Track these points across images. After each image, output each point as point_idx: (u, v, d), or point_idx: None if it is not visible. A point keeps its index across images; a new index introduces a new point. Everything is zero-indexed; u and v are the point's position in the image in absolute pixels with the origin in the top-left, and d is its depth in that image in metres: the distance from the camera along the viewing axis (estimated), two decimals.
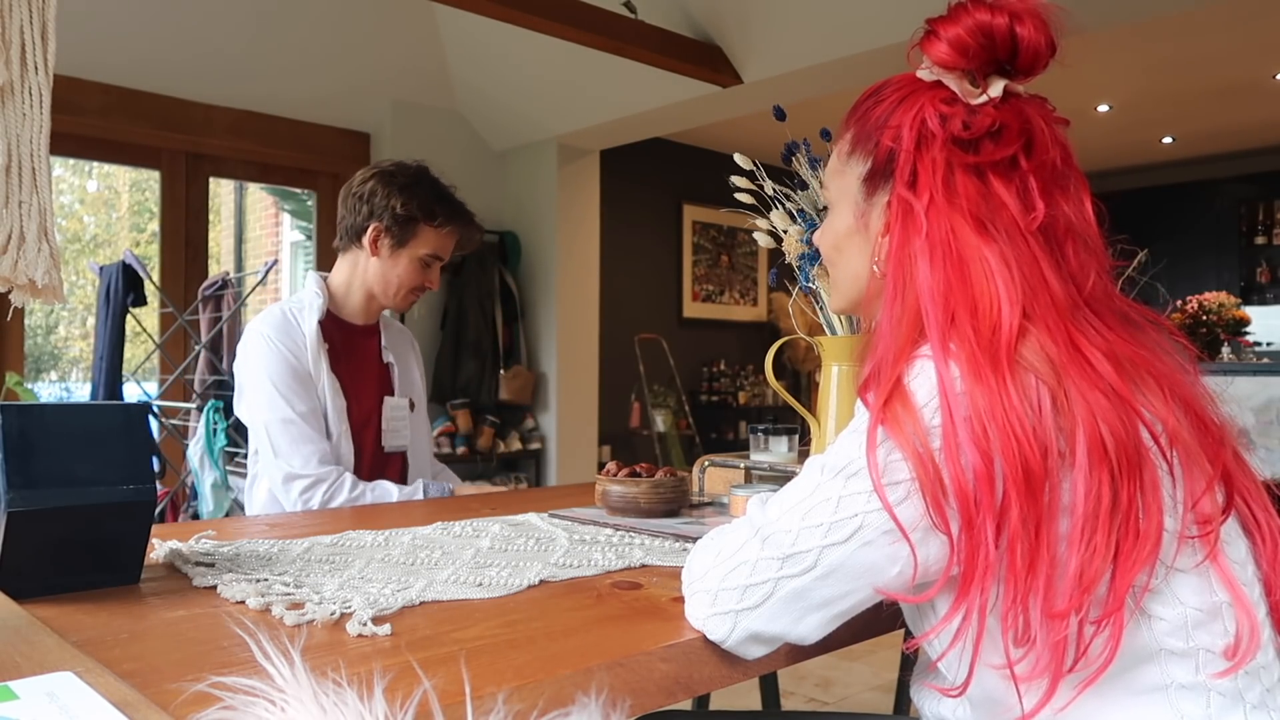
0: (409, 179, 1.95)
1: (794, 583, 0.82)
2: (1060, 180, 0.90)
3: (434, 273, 2.00)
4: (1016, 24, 0.88)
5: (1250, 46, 4.76)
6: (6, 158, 1.03)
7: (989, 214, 0.86)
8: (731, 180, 1.52)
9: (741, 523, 0.88)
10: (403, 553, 1.17)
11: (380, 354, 2.04)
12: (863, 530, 0.80)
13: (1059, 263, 0.86)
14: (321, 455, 1.81)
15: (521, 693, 0.71)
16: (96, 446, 0.94)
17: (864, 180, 0.96)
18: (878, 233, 0.95)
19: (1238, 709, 0.79)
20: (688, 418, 6.30)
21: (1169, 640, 0.79)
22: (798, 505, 0.83)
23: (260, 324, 1.88)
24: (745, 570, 0.84)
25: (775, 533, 0.83)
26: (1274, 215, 6.96)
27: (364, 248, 1.94)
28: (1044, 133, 0.90)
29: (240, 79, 4.21)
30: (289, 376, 1.84)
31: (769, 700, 2.04)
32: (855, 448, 0.82)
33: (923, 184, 0.88)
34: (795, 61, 3.83)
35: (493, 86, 4.77)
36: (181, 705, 0.64)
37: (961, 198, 0.87)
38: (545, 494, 1.88)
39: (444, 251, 1.99)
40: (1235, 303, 3.87)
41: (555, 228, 5.07)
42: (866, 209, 0.96)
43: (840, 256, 1.03)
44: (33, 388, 3.72)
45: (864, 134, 0.96)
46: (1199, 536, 0.80)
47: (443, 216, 1.95)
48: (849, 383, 1.49)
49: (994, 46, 0.89)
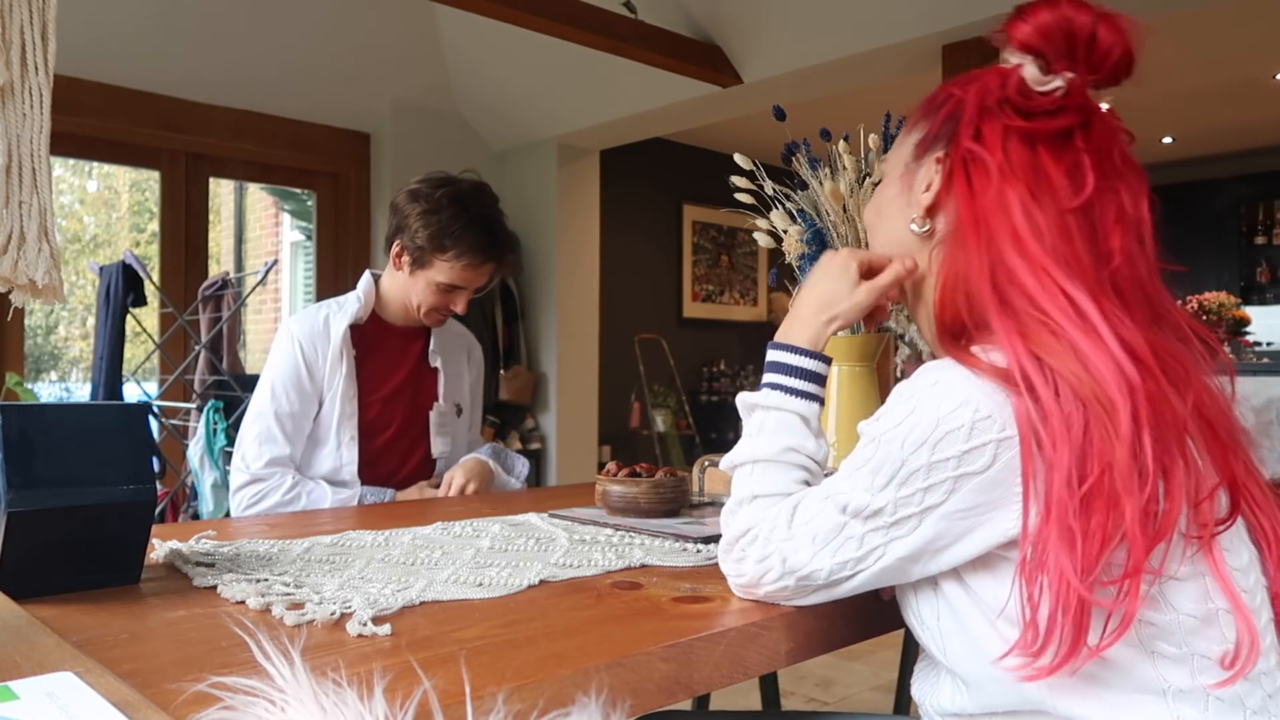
0: (431, 204, 1.85)
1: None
2: (1119, 170, 0.91)
3: (458, 298, 1.91)
4: (1100, 23, 0.91)
5: (1250, 46, 4.76)
6: (7, 158, 1.03)
7: (1034, 182, 0.88)
8: (731, 180, 1.52)
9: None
10: (403, 553, 1.17)
11: (426, 357, 2.00)
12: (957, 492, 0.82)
13: (1094, 244, 0.87)
14: (276, 458, 1.80)
15: (521, 693, 0.71)
16: (96, 446, 0.94)
17: (918, 144, 0.99)
18: (920, 190, 0.98)
19: (1237, 714, 0.79)
20: (688, 418, 6.30)
21: (1162, 645, 0.79)
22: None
23: (292, 323, 1.90)
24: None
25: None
26: (1274, 215, 6.96)
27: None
28: (1105, 124, 0.92)
29: (240, 79, 4.21)
30: (290, 377, 1.84)
31: (769, 700, 2.04)
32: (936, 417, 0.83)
33: (990, 141, 0.90)
34: (795, 61, 3.82)
35: (493, 86, 4.77)
36: (181, 705, 0.64)
37: (1015, 163, 0.89)
38: (545, 494, 1.88)
39: (464, 281, 1.88)
40: (1235, 303, 3.87)
41: (555, 228, 5.07)
42: (914, 168, 0.99)
43: (880, 220, 1.05)
44: (33, 388, 3.72)
45: (929, 108, 1.00)
46: (1196, 537, 0.80)
47: (454, 251, 1.84)
48: (849, 383, 1.49)
49: (1073, 36, 0.91)
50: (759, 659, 0.90)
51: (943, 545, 0.84)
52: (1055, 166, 0.88)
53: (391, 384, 1.95)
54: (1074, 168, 0.89)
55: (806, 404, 1.00)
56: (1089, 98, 0.92)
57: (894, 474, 0.83)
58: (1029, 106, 0.90)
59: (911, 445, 0.82)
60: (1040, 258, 0.85)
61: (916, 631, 0.93)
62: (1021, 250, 0.86)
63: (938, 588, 0.88)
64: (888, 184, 1.04)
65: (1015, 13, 0.94)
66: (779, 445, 0.98)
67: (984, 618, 0.83)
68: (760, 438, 0.99)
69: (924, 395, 0.84)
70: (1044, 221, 0.86)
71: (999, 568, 0.83)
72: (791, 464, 0.98)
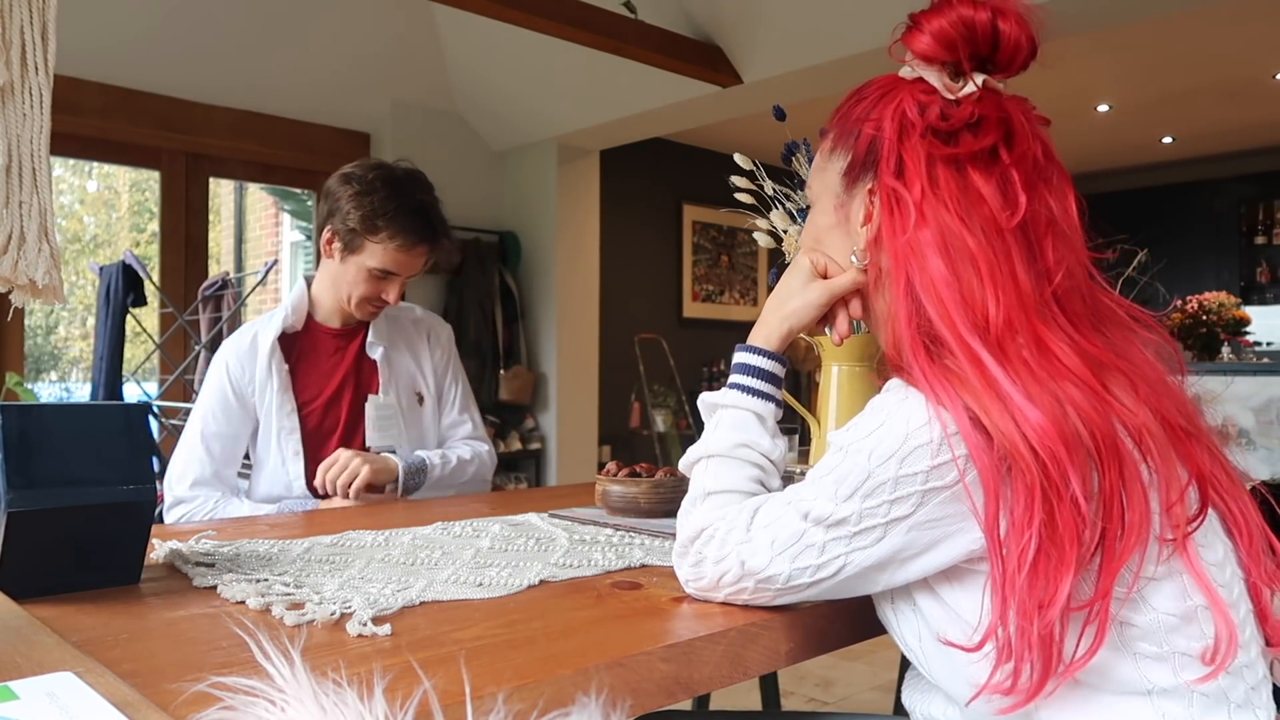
0: (364, 185, 1.80)
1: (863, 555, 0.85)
2: (1043, 174, 0.90)
3: (390, 286, 1.84)
4: (999, 19, 0.89)
5: (1250, 46, 4.76)
6: (6, 158, 1.03)
7: (966, 209, 0.87)
8: (731, 180, 1.52)
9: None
10: (403, 553, 1.17)
11: (364, 351, 1.94)
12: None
13: (1033, 260, 0.86)
14: (199, 479, 1.79)
15: (521, 693, 0.71)
16: (96, 446, 0.94)
17: (844, 174, 0.97)
18: (857, 223, 0.96)
19: (1222, 708, 0.79)
20: (688, 418, 6.30)
21: (1143, 645, 0.78)
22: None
23: (224, 345, 1.88)
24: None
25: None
26: (1274, 215, 6.96)
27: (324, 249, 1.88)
28: (1024, 126, 0.91)
29: (240, 79, 4.21)
30: (218, 400, 1.83)
31: (769, 700, 2.04)
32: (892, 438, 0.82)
33: (911, 175, 0.89)
34: (795, 61, 3.82)
35: (492, 87, 4.77)
36: (181, 705, 0.64)
37: (943, 191, 0.87)
38: (545, 494, 1.88)
39: (396, 267, 1.82)
40: (1235, 303, 3.87)
41: (555, 228, 5.07)
42: (846, 200, 0.98)
43: (819, 249, 1.04)
44: (33, 388, 3.72)
45: (846, 131, 0.97)
46: (1172, 540, 0.80)
47: (386, 232, 1.79)
48: (849, 383, 1.49)
49: (975, 40, 0.90)
50: (759, 659, 0.90)
51: (910, 555, 0.83)
52: (986, 186, 0.87)
53: (331, 386, 1.91)
54: (1003, 183, 0.87)
55: (763, 403, 1.00)
56: (1002, 101, 0.91)
57: (858, 485, 0.82)
58: (951, 128, 0.89)
59: (879, 458, 0.82)
60: (953, 310, 0.83)
61: (904, 651, 0.93)
62: (935, 299, 0.84)
63: (916, 606, 0.87)
64: (820, 213, 1.02)
65: (911, 23, 0.93)
66: (733, 441, 0.97)
67: (963, 635, 0.83)
68: (716, 434, 0.99)
69: (894, 409, 0.83)
70: (978, 249, 0.84)
71: (969, 581, 0.83)
72: (745, 460, 0.97)
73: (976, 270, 0.84)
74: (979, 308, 0.83)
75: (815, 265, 1.02)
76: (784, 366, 1.02)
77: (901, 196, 0.88)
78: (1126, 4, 3.32)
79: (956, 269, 0.84)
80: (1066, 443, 0.76)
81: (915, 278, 0.86)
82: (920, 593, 0.86)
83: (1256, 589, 0.86)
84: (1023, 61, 0.91)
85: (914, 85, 0.92)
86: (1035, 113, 0.94)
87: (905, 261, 0.87)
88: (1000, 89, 0.92)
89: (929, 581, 0.85)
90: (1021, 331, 0.82)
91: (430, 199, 1.87)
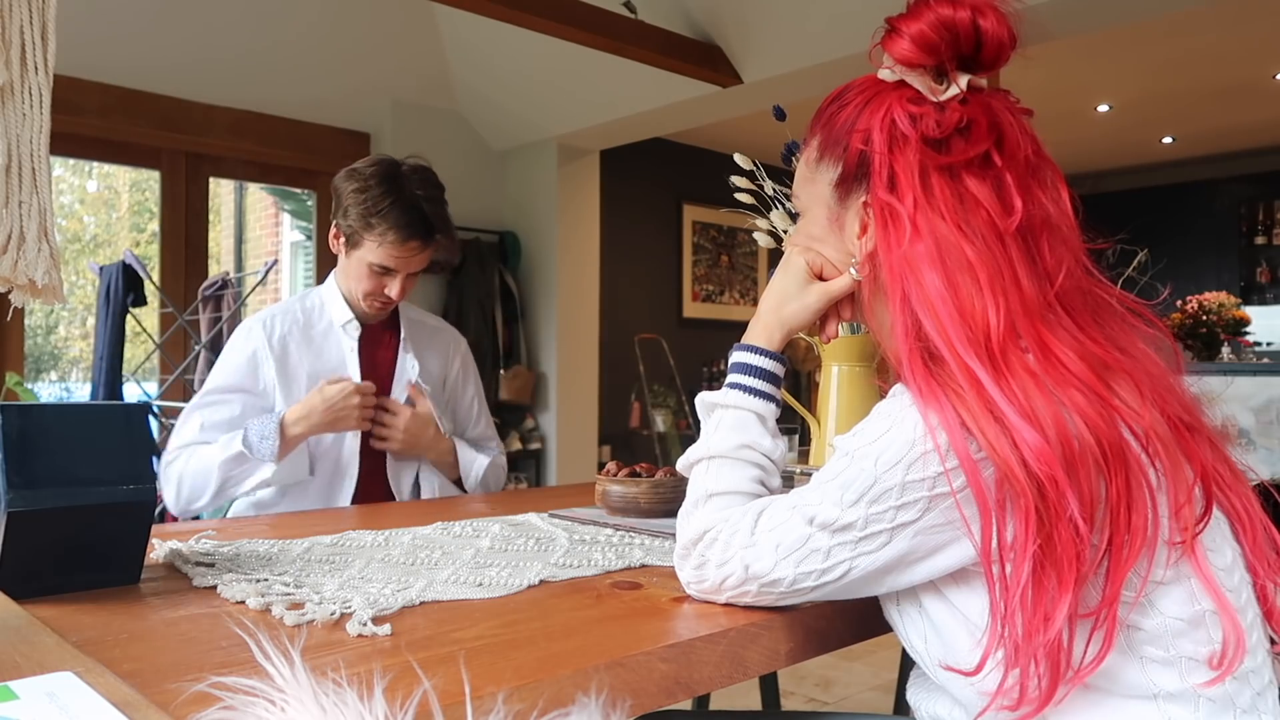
0: (362, 182, 1.82)
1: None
2: (1036, 173, 0.89)
3: (391, 282, 1.86)
4: (979, 17, 0.88)
5: (1250, 46, 4.76)
6: (6, 158, 1.03)
7: (964, 216, 0.86)
8: (731, 180, 1.51)
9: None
10: (403, 553, 1.17)
11: (381, 348, 1.96)
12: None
13: (1033, 261, 0.86)
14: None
15: (521, 693, 0.71)
16: (96, 446, 0.94)
17: (835, 185, 0.96)
18: (853, 235, 0.95)
19: (1228, 713, 0.79)
20: (688, 418, 6.29)
21: (1149, 649, 0.78)
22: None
23: (264, 318, 1.91)
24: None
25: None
26: (1274, 215, 6.96)
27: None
28: (1012, 125, 0.90)
29: (240, 79, 4.21)
30: (235, 373, 1.88)
31: (769, 700, 2.04)
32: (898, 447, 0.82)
33: (904, 187, 0.88)
34: (795, 61, 3.82)
35: (493, 86, 4.77)
36: (181, 705, 0.64)
37: (938, 200, 0.86)
38: (545, 494, 1.88)
39: (392, 262, 1.83)
40: (1235, 303, 3.87)
41: (555, 228, 5.07)
42: (840, 212, 0.97)
43: (815, 249, 1.03)
44: (33, 388, 3.72)
45: (832, 139, 0.96)
46: (1181, 543, 0.80)
47: (380, 228, 1.80)
48: (849, 383, 1.49)
49: (958, 41, 0.88)
50: (759, 659, 0.90)
51: (916, 559, 0.83)
52: (982, 190, 0.86)
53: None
54: (998, 187, 0.87)
55: (764, 403, 0.99)
56: (988, 100, 0.90)
57: (865, 491, 0.82)
58: (942, 135, 0.87)
59: (885, 464, 0.81)
60: (949, 325, 0.82)
61: (910, 652, 0.92)
62: (932, 314, 0.83)
63: (922, 608, 0.87)
64: (811, 221, 1.01)
65: (890, 28, 0.91)
66: (734, 442, 0.97)
67: (970, 637, 0.83)
68: (716, 435, 0.98)
69: (901, 415, 0.82)
70: (977, 257, 0.83)
71: (976, 584, 0.83)
72: (747, 461, 0.97)
73: (975, 279, 0.83)
74: (978, 319, 0.82)
75: (811, 265, 1.01)
76: (784, 366, 1.02)
77: (895, 210, 0.87)
78: (1126, 4, 3.32)
79: (953, 280, 0.83)
80: (1066, 462, 0.75)
81: (911, 293, 0.85)
82: (926, 595, 0.86)
83: (1264, 591, 0.86)
84: (1006, 56, 0.90)
85: (899, 91, 0.91)
86: (1018, 105, 0.93)
87: (901, 276, 0.86)
88: (983, 85, 0.91)
89: (935, 584, 0.85)
90: (1025, 336, 0.82)
91: (430, 194, 1.87)
